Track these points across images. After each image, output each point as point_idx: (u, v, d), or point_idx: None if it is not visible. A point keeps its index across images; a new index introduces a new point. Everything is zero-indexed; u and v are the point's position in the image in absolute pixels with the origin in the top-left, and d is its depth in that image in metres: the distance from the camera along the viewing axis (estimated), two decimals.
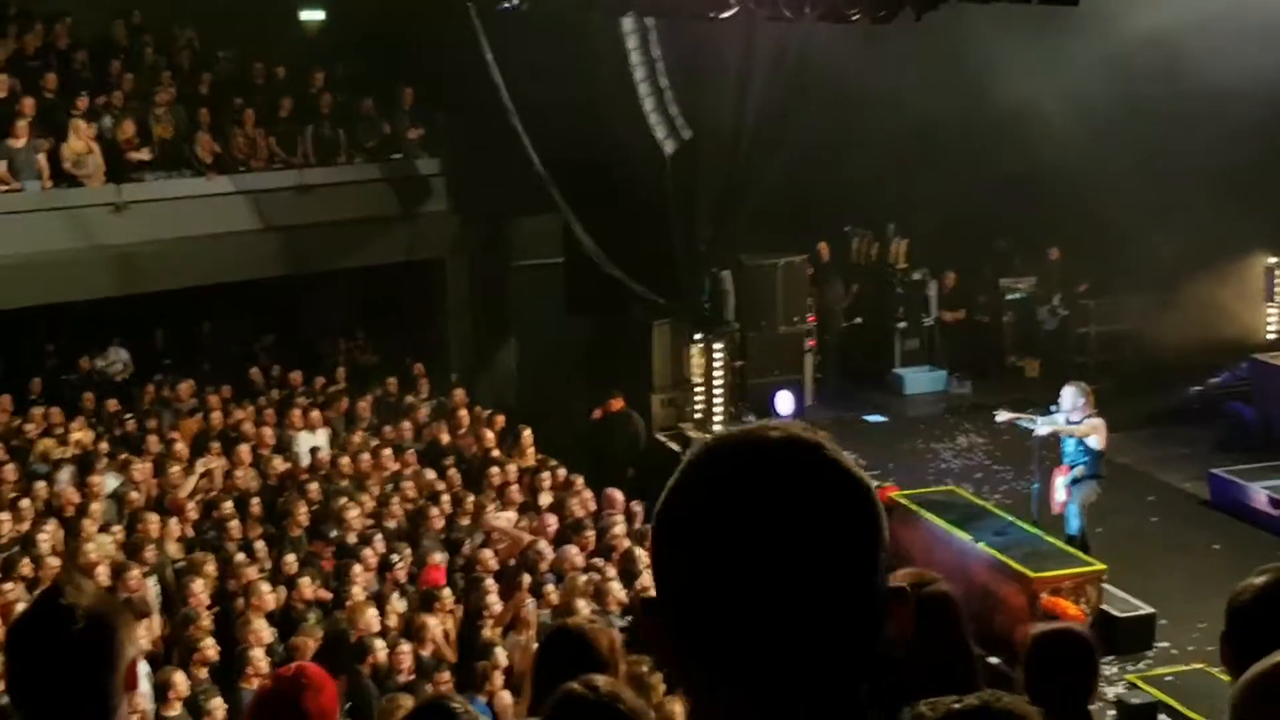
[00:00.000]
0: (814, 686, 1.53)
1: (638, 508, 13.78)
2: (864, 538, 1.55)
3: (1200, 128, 16.37)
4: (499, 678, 9.91)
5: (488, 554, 12.38)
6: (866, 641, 1.56)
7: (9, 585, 11.04)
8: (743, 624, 1.51)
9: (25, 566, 11.37)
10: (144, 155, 18.19)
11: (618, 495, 13.94)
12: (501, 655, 10.18)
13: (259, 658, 9.76)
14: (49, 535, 12.08)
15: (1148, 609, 12.58)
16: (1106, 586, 12.55)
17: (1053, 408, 13.69)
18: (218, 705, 9.39)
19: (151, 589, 11.40)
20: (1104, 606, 12.37)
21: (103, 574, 11.07)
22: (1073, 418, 13.35)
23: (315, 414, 16.26)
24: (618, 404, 17.45)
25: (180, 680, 9.44)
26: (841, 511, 1.54)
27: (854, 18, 14.52)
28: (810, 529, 1.52)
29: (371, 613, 10.69)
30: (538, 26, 16.94)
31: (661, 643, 1.59)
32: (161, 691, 9.56)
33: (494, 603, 11.24)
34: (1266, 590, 3.21)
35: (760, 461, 1.55)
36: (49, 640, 2.86)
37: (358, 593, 11.22)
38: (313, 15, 20.70)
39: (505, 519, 13.32)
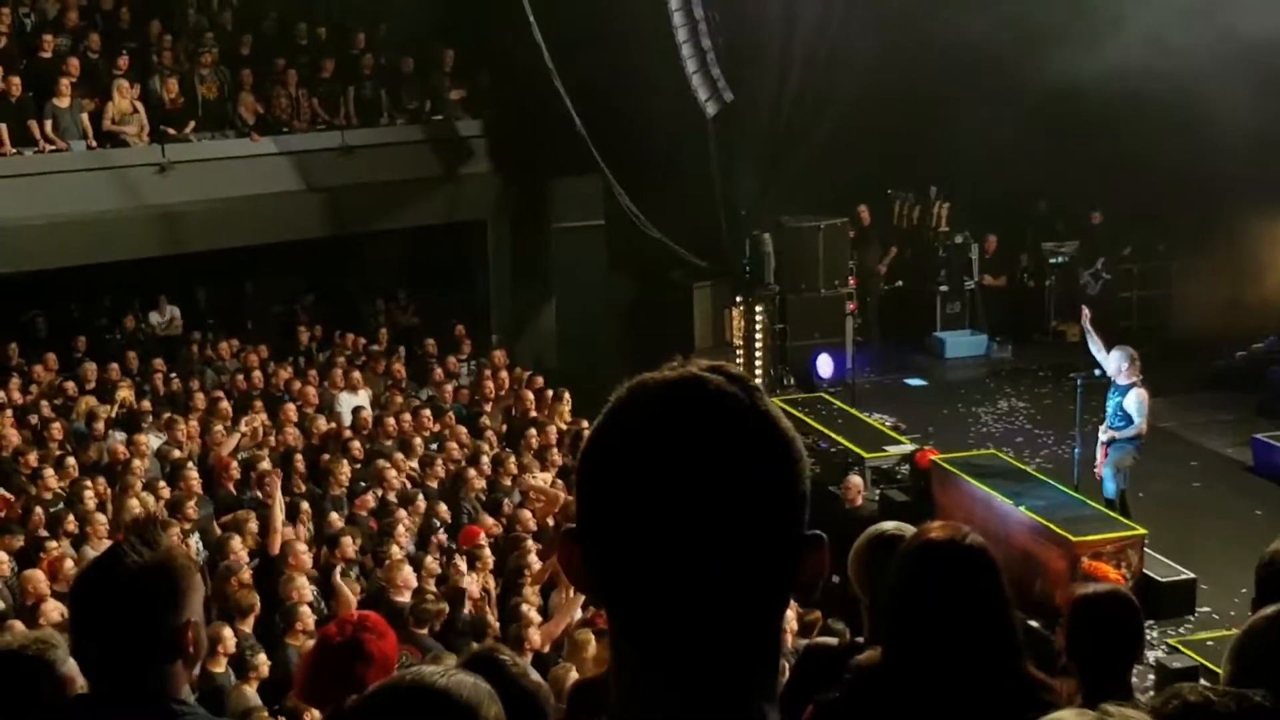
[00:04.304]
0: (718, 628, 1.57)
1: None
2: (775, 486, 1.58)
3: (1241, 85, 16.15)
4: (534, 636, 9.97)
5: (526, 514, 12.45)
6: (773, 586, 1.60)
7: (54, 543, 11.15)
8: (649, 560, 1.56)
9: (70, 523, 11.50)
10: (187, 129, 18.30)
11: None
12: (532, 613, 10.24)
13: (306, 614, 9.81)
14: (94, 493, 12.20)
15: (1189, 574, 12.52)
16: (1148, 551, 12.50)
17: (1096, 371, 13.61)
18: (263, 661, 9.45)
19: (194, 546, 11.49)
20: (1145, 571, 12.32)
21: None
22: (1119, 381, 13.27)
23: (356, 374, 16.35)
24: None
25: (228, 635, 9.51)
26: (752, 459, 1.57)
27: None
28: (718, 476, 1.55)
29: (408, 571, 10.75)
30: None
31: (577, 571, 1.63)
32: (209, 647, 9.60)
33: (533, 562, 11.30)
34: None
35: (676, 407, 1.58)
36: (107, 582, 2.95)
37: (396, 552, 11.29)
38: None
39: (542, 478, 13.38)
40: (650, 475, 1.55)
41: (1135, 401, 13.12)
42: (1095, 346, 13.67)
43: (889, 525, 4.37)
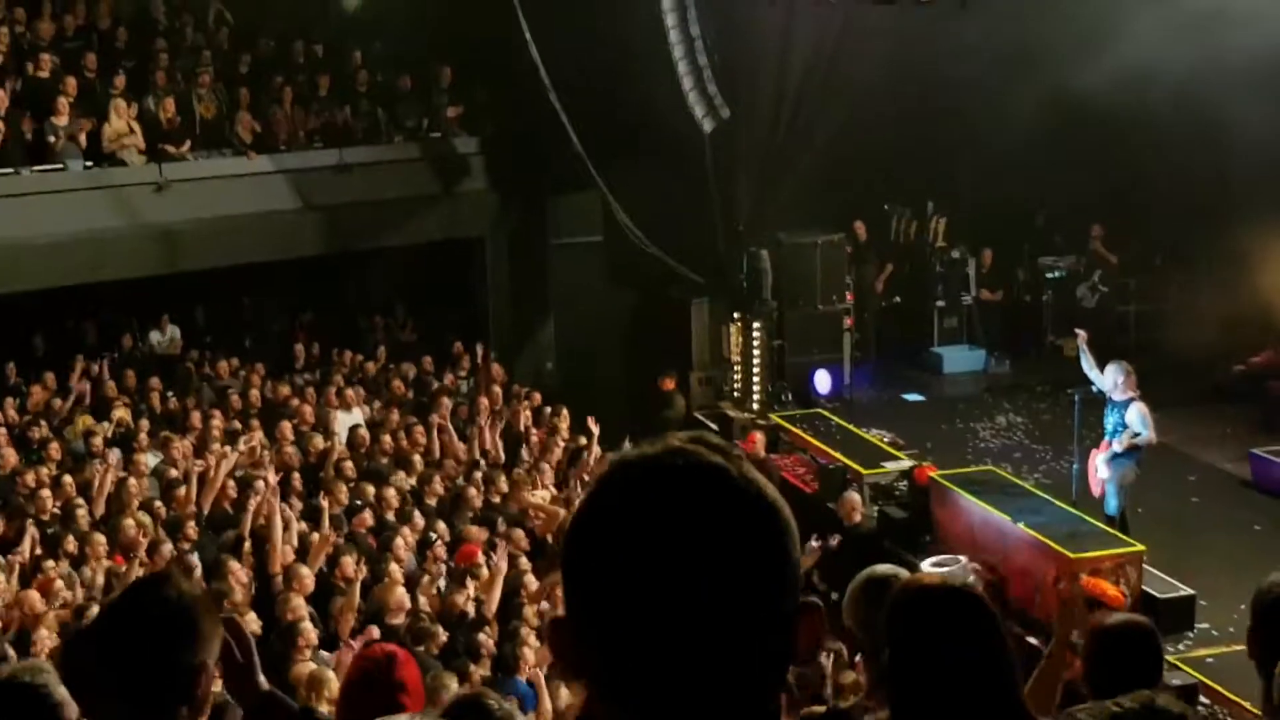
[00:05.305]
0: (718, 708, 1.55)
1: None
2: (769, 561, 1.57)
3: (1240, 98, 16.16)
4: (530, 655, 9.95)
5: (520, 533, 12.41)
6: (771, 661, 1.59)
7: (51, 563, 11.12)
8: (645, 648, 1.54)
9: (69, 544, 11.47)
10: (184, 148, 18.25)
11: None
12: (529, 634, 10.22)
13: (309, 630, 9.77)
14: (88, 512, 12.17)
15: (1188, 590, 12.48)
16: (1146, 567, 12.47)
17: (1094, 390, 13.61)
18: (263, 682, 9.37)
19: (197, 566, 11.44)
20: (1144, 587, 12.30)
21: (141, 551, 11.14)
22: (1115, 396, 13.25)
23: (351, 392, 16.33)
24: (669, 384, 17.65)
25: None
26: (744, 536, 1.55)
27: None
28: (712, 556, 1.53)
29: (400, 592, 10.72)
30: (576, 4, 16.96)
31: (569, 659, 1.62)
32: None
33: (529, 581, 11.29)
34: None
35: (663, 487, 1.56)
36: (150, 606, 2.94)
37: (394, 571, 11.26)
38: None
39: (541, 495, 13.36)
40: (639, 557, 1.53)
41: (1138, 415, 13.08)
42: (1089, 365, 13.67)
43: (882, 568, 4.37)
